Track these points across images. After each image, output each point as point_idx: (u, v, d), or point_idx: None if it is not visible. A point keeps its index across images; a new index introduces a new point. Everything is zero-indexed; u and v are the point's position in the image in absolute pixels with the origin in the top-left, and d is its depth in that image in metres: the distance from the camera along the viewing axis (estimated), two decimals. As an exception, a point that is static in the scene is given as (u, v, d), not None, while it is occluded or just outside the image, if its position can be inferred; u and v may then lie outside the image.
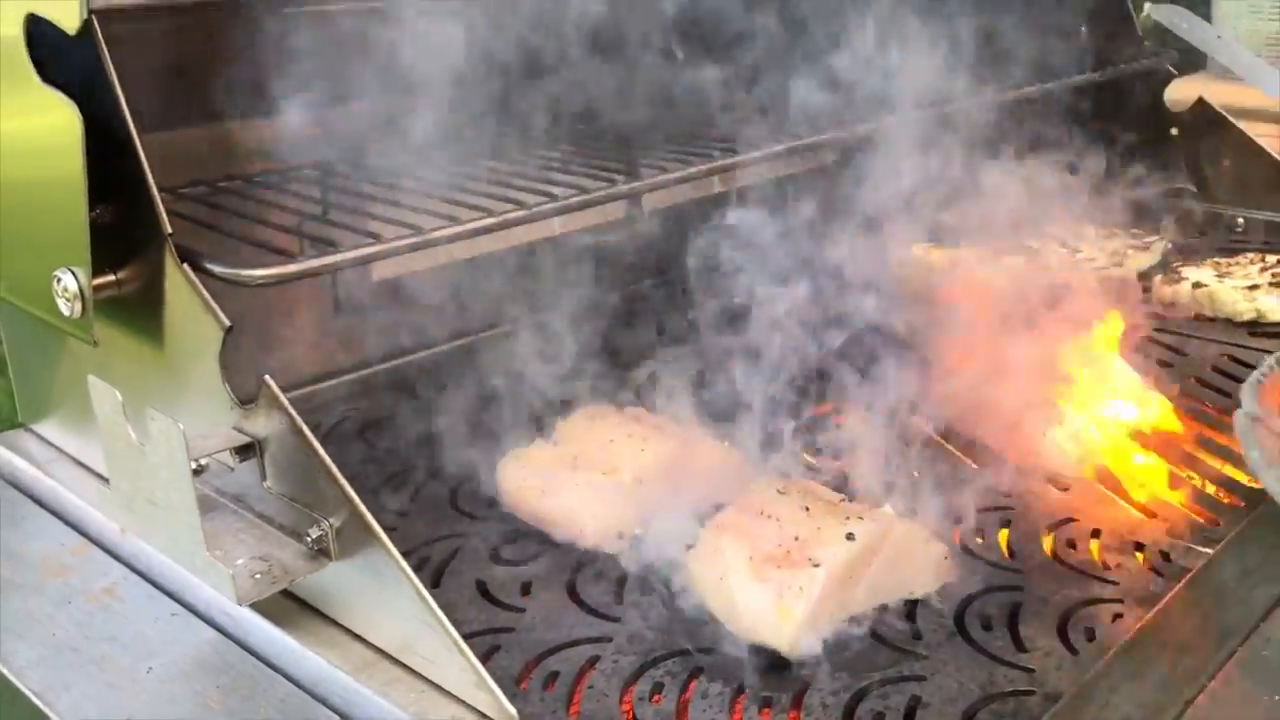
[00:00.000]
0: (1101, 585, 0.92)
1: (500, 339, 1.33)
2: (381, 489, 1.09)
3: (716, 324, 1.25)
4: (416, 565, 0.96)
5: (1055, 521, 1.01)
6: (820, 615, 0.83)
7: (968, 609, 0.89)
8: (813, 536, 0.85)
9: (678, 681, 0.81)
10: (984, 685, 0.80)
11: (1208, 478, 1.08)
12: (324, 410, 1.27)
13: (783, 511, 0.88)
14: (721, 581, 0.85)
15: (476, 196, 1.04)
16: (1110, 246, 1.65)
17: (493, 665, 0.83)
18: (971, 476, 1.08)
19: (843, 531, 0.85)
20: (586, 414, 1.06)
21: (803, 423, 1.10)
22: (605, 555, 0.96)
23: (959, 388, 1.17)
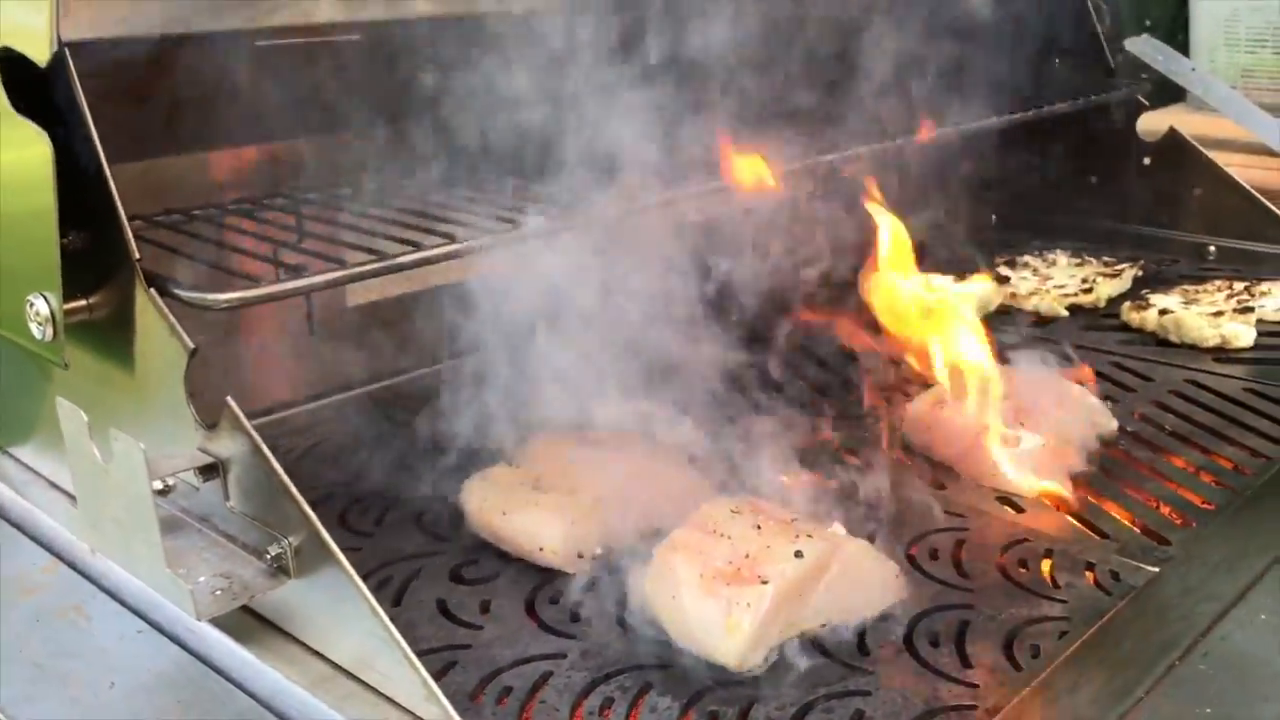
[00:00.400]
0: (1050, 604, 0.93)
1: (474, 363, 1.36)
2: (351, 509, 1.12)
3: (687, 345, 1.29)
4: (379, 584, 0.98)
5: (1008, 541, 1.03)
6: (768, 631, 0.85)
7: (916, 626, 0.91)
8: (762, 554, 0.87)
9: (628, 696, 0.83)
10: (928, 700, 0.82)
11: (1161, 498, 1.10)
12: (300, 433, 1.29)
13: (734, 530, 0.90)
14: (673, 599, 0.87)
15: (445, 224, 1.06)
16: (1081, 273, 1.68)
17: (448, 681, 0.85)
18: (928, 497, 1.10)
19: (792, 549, 0.87)
20: (549, 436, 1.08)
21: (761, 442, 1.12)
22: (565, 574, 0.98)
23: (918, 409, 1.20)
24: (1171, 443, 1.22)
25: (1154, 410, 1.30)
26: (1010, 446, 1.12)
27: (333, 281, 0.93)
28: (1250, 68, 2.40)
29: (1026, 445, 1.12)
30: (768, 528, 0.90)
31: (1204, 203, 1.85)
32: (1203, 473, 1.15)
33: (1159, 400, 1.33)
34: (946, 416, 1.16)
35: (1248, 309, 1.50)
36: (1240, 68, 2.42)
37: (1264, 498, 1.06)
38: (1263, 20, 2.37)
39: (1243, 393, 1.34)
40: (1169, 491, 1.12)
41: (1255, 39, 2.38)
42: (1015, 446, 1.12)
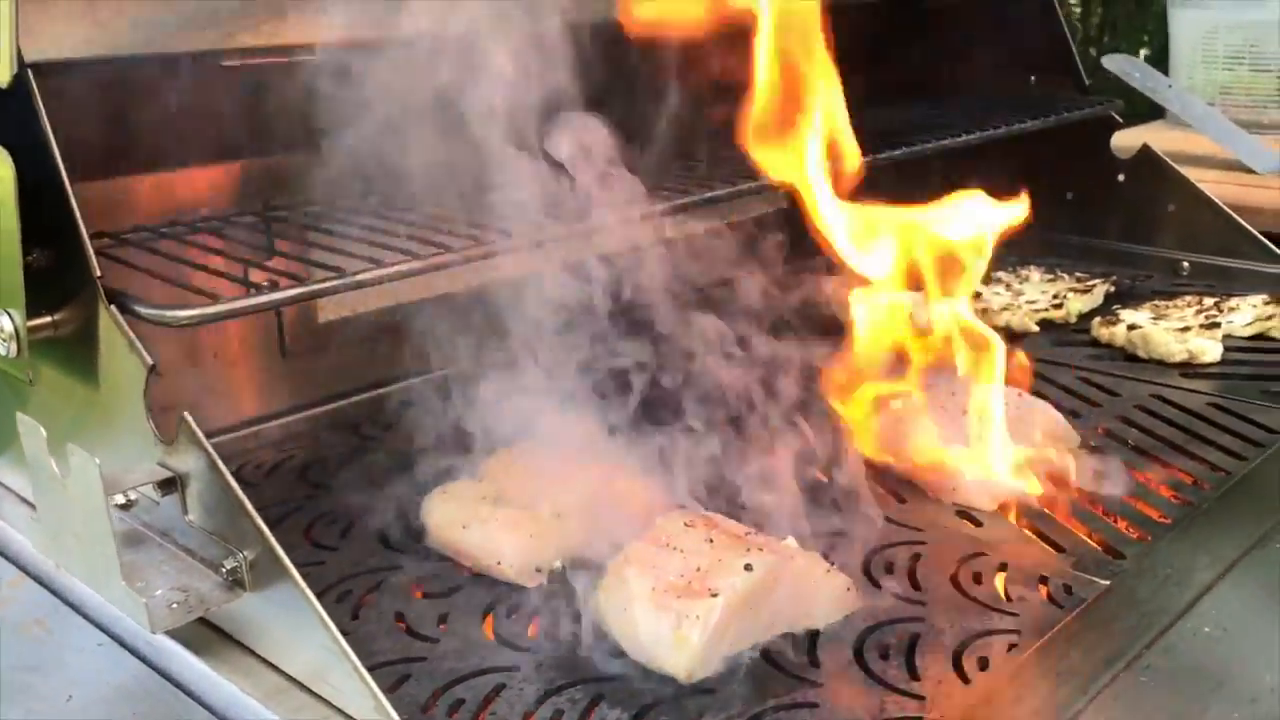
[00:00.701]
0: (1001, 617, 0.94)
1: (444, 379, 1.38)
2: (317, 523, 1.13)
3: (646, 359, 1.30)
4: (339, 597, 0.99)
5: (964, 556, 1.04)
6: (718, 643, 0.86)
7: (867, 639, 0.92)
8: (714, 568, 0.88)
9: (578, 708, 0.84)
10: (874, 712, 0.83)
11: (1118, 513, 1.11)
12: (271, 448, 1.30)
13: (687, 544, 0.91)
14: (625, 611, 0.88)
15: (410, 241, 1.08)
16: (1053, 289, 1.69)
17: (402, 693, 0.86)
18: (888, 511, 1.11)
19: (743, 563, 0.88)
20: (512, 451, 1.09)
21: (723, 456, 1.13)
22: (523, 588, 0.99)
23: (881, 424, 1.21)
24: (1133, 457, 1.23)
25: (1118, 425, 1.31)
26: (973, 462, 1.13)
27: (290, 299, 0.95)
28: (1228, 85, 2.42)
29: (989, 461, 1.13)
30: (720, 541, 0.91)
31: (1178, 219, 1.87)
32: (1162, 487, 1.16)
33: (1123, 415, 1.34)
34: (906, 431, 1.17)
35: (1214, 324, 1.51)
36: (1218, 85, 2.44)
37: (1217, 512, 1.07)
38: (1240, 38, 2.40)
39: (1206, 408, 1.35)
40: (1127, 506, 1.13)
41: (1233, 56, 2.40)
42: (976, 462, 1.13)
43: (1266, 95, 2.38)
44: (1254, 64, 2.39)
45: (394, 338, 1.38)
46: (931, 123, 1.71)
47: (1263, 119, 2.38)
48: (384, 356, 1.38)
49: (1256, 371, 1.45)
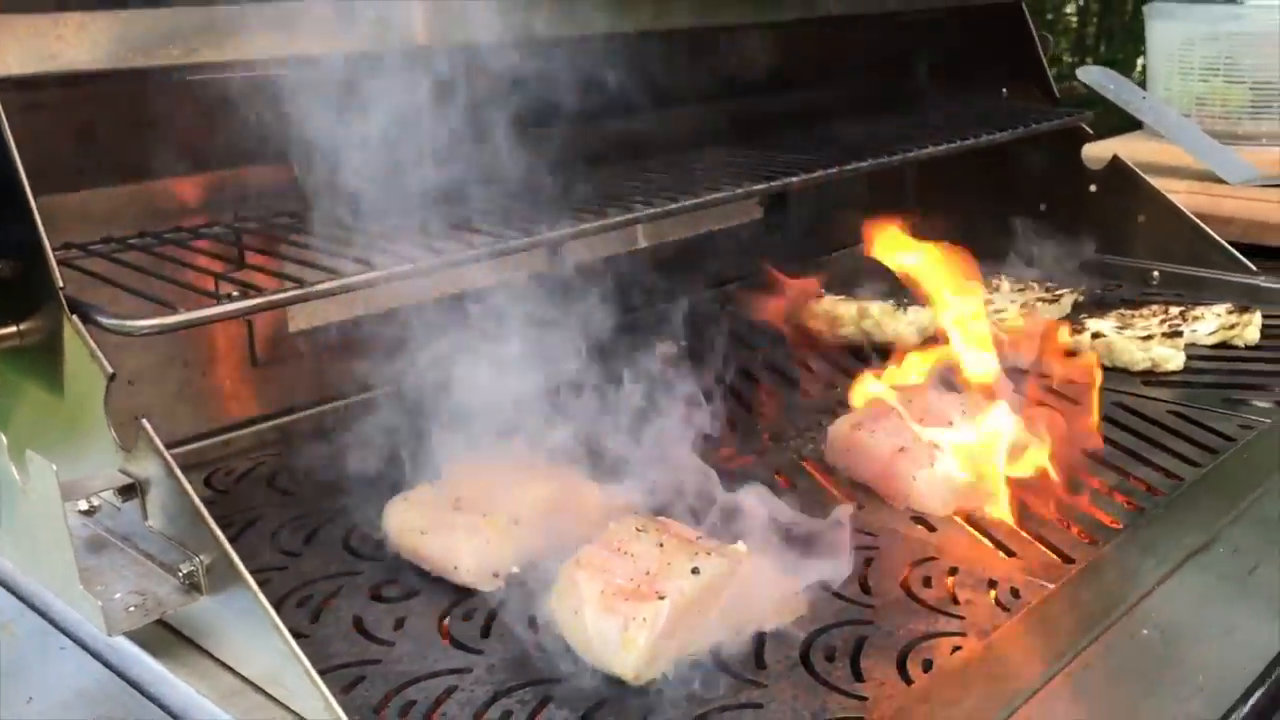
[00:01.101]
0: (948, 619, 0.96)
1: (411, 389, 1.40)
2: (282, 530, 1.14)
3: (611, 368, 1.32)
4: (300, 601, 1.01)
5: (916, 560, 1.06)
6: (665, 645, 0.87)
7: (815, 641, 0.93)
8: (663, 571, 0.90)
9: (527, 709, 0.86)
10: (816, 712, 0.85)
11: (1072, 519, 1.13)
12: (242, 455, 1.32)
13: (638, 548, 0.93)
14: (576, 614, 0.90)
15: (371, 251, 1.09)
16: (1022, 298, 1.71)
17: (355, 694, 0.88)
18: (843, 516, 1.13)
19: (691, 566, 0.90)
20: (471, 459, 1.11)
21: (683, 463, 1.14)
22: (480, 593, 1.00)
23: (837, 431, 1.23)
24: (1090, 464, 1.25)
25: (1079, 433, 1.33)
26: (927, 468, 1.14)
27: (247, 309, 0.97)
28: (1203, 96, 2.45)
29: (943, 467, 1.15)
30: (670, 546, 0.93)
31: (1148, 229, 1.89)
32: (1116, 493, 1.18)
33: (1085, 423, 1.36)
34: (864, 438, 1.19)
35: (1177, 333, 1.53)
36: (1193, 96, 2.47)
37: (1166, 518, 1.08)
38: (1214, 50, 2.42)
39: (1167, 415, 1.37)
40: (1081, 512, 1.14)
41: (1207, 68, 2.43)
42: (932, 468, 1.14)
43: (1240, 106, 2.41)
44: (1228, 75, 2.41)
45: (364, 347, 1.40)
46: (901, 135, 1.73)
47: (1237, 130, 2.40)
48: (354, 365, 1.39)
49: (1217, 380, 1.47)
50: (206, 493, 1.24)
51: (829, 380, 1.53)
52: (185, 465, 1.29)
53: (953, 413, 1.22)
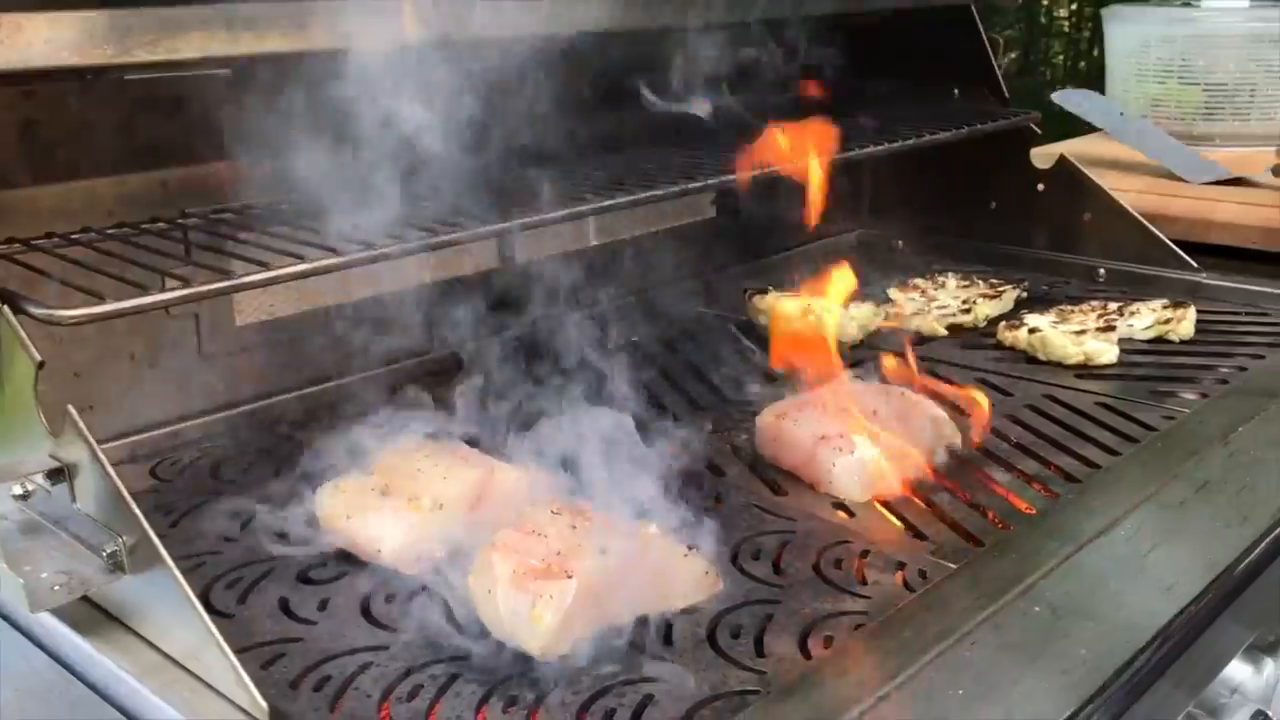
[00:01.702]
0: (854, 599, 0.99)
1: (355, 381, 1.44)
2: (219, 517, 1.17)
3: (544, 357, 1.36)
4: (230, 584, 1.04)
5: (830, 543, 1.09)
6: (573, 622, 0.90)
7: (722, 619, 0.97)
8: (573, 551, 0.93)
9: (438, 682, 0.89)
10: (715, 686, 0.88)
11: (989, 505, 1.16)
12: (188, 446, 1.35)
13: (552, 530, 0.96)
14: (489, 593, 0.93)
15: (305, 246, 1.13)
16: (965, 295, 1.74)
17: (273, 670, 0.91)
18: (764, 501, 1.16)
19: (600, 547, 0.93)
20: (402, 446, 1.14)
21: (611, 450, 1.18)
22: (403, 575, 1.03)
23: (764, 421, 1.26)
24: (1013, 453, 1.29)
25: (1005, 423, 1.36)
26: (846, 455, 1.18)
27: (177, 300, 1.00)
28: (1159, 97, 2.49)
29: (861, 455, 1.18)
30: (583, 528, 0.96)
31: (1094, 227, 1.93)
32: (1035, 481, 1.21)
33: (1012, 414, 1.39)
34: (788, 428, 1.22)
35: (1110, 328, 1.56)
36: (1150, 97, 2.50)
37: (1076, 503, 1.11)
38: (1170, 51, 2.46)
39: (1094, 407, 1.40)
40: (998, 498, 1.18)
41: (1163, 70, 2.47)
42: (851, 455, 1.18)
43: (1195, 108, 2.45)
44: (1182, 77, 2.45)
45: (310, 340, 1.43)
46: (850, 134, 1.77)
47: (1192, 130, 2.44)
48: (300, 358, 1.43)
49: (1148, 373, 1.50)
50: (152, 482, 1.27)
51: (768, 373, 1.56)
52: (133, 456, 1.34)
53: (876, 403, 1.25)
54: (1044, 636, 0.88)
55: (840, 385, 1.30)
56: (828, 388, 1.29)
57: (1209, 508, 1.08)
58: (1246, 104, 2.41)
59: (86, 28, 1.02)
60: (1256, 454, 1.19)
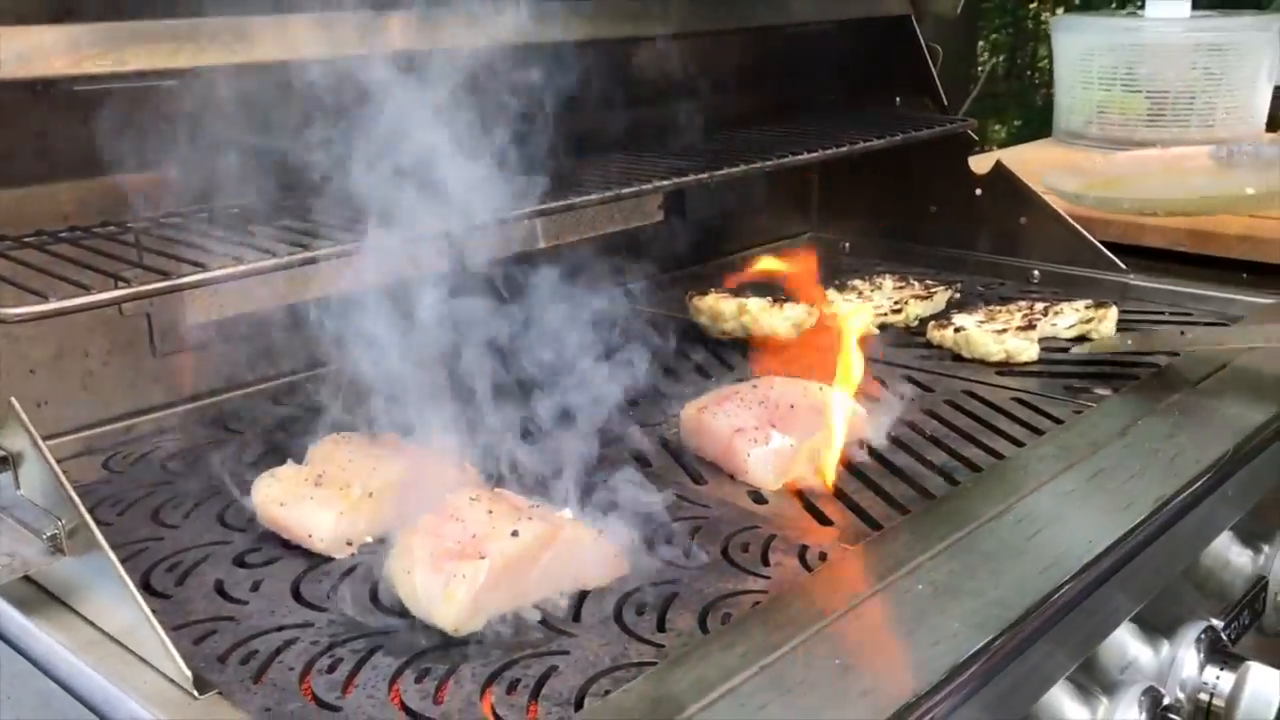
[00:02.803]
0: (755, 579, 1.06)
1: (304, 378, 1.50)
2: (165, 506, 1.23)
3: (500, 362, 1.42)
4: (170, 567, 1.10)
5: (740, 528, 1.15)
6: (486, 601, 0.97)
7: (629, 598, 1.03)
8: (487, 535, 1.00)
9: (357, 656, 0.95)
10: (616, 658, 0.94)
11: (895, 493, 1.23)
12: (141, 440, 1.41)
13: (469, 515, 1.02)
14: (408, 574, 0.99)
15: (243, 248, 1.19)
16: (898, 295, 1.81)
17: (204, 646, 0.97)
18: (684, 490, 1.23)
19: (511, 530, 1.00)
20: (336, 438, 1.20)
21: (540, 441, 1.24)
22: (334, 560, 1.10)
23: (687, 413, 1.32)
24: (925, 445, 1.35)
25: (922, 417, 1.43)
26: (760, 446, 1.24)
27: (117, 299, 1.06)
28: (1104, 104, 2.56)
29: (775, 445, 1.24)
30: (498, 513, 1.03)
31: (1029, 230, 2.00)
32: (941, 470, 1.28)
33: (930, 408, 1.46)
34: (707, 420, 1.29)
35: (1031, 326, 1.63)
36: (1096, 104, 2.58)
37: (975, 490, 1.17)
38: (1113, 59, 2.53)
39: (1009, 402, 1.47)
40: (904, 486, 1.24)
41: (1107, 77, 2.54)
42: (765, 446, 1.24)
43: (1138, 115, 2.52)
44: (1126, 85, 2.53)
45: (260, 339, 1.49)
46: (792, 140, 1.83)
47: (1134, 136, 2.52)
48: (250, 356, 1.49)
49: (1066, 370, 1.57)
50: (104, 473, 1.33)
51: (706, 371, 1.63)
52: (89, 449, 1.40)
53: (794, 396, 1.32)
54: (922, 612, 0.95)
55: (762, 380, 1.36)
56: (749, 383, 1.35)
57: (1098, 495, 1.15)
58: (1186, 110, 2.48)
59: (37, 43, 1.08)
60: (1150, 445, 1.25)
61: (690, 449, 1.33)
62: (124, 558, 1.11)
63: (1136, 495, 1.14)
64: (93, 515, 1.18)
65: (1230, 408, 1.37)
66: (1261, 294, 1.76)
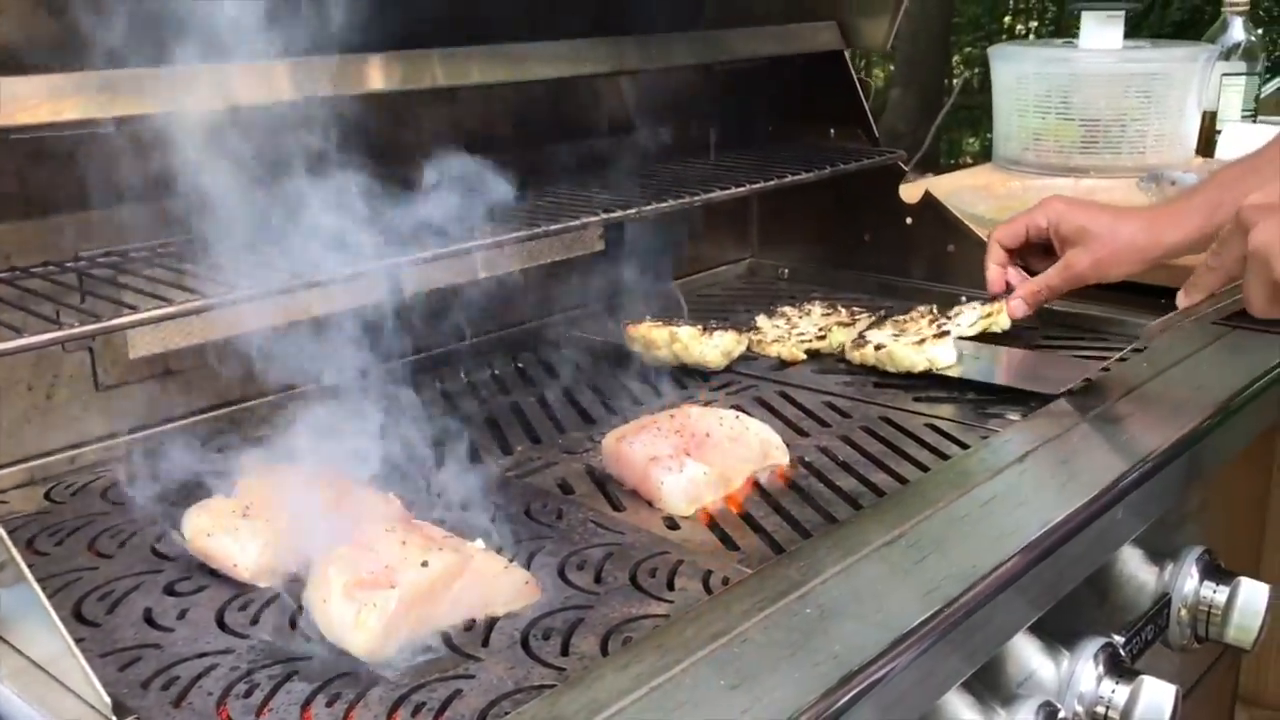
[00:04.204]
0: (659, 604, 1.12)
1: (244, 409, 1.55)
2: (102, 536, 1.28)
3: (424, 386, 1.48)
4: (101, 596, 1.15)
5: (650, 554, 1.21)
6: (397, 628, 1.02)
7: (537, 624, 1.08)
8: (399, 565, 1.05)
9: (273, 682, 1.00)
10: (519, 681, 1.00)
11: (800, 518, 1.29)
12: (84, 471, 1.46)
13: (383, 546, 1.08)
14: (324, 602, 1.04)
15: (172, 289, 1.24)
16: (825, 322, 1.87)
17: (128, 672, 1.02)
18: (602, 517, 1.29)
19: (422, 560, 1.05)
20: (264, 470, 1.25)
21: (466, 471, 1.30)
22: (259, 588, 1.15)
23: (607, 442, 1.38)
24: (837, 471, 1.41)
25: (837, 443, 1.49)
26: (674, 474, 1.30)
27: (48, 341, 1.11)
28: (1039, 131, 2.64)
29: (689, 473, 1.30)
30: (412, 543, 1.08)
31: (957, 258, 2.06)
32: (847, 495, 1.34)
33: (846, 434, 1.52)
34: (625, 449, 1.35)
35: (945, 333, 1.68)
36: (1031, 131, 2.65)
37: (874, 515, 1.23)
38: (1048, 88, 2.61)
39: (922, 428, 1.53)
40: (810, 512, 1.31)
41: (1041, 105, 2.62)
42: (679, 473, 1.30)
43: (1072, 142, 2.60)
44: (1060, 113, 2.60)
45: (200, 371, 1.55)
46: (725, 174, 1.90)
47: (1069, 163, 2.60)
48: (191, 388, 1.54)
49: (980, 396, 1.63)
50: (44, 504, 1.38)
51: (636, 398, 1.69)
52: (30, 480, 1.45)
53: (711, 425, 1.38)
54: (807, 634, 1.01)
55: (681, 410, 1.42)
56: (668, 412, 1.41)
57: (987, 521, 1.21)
58: (1118, 138, 2.56)
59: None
60: (1044, 471, 1.32)
61: (613, 476, 1.38)
62: (59, 586, 1.17)
63: (1023, 521, 1.20)
64: (32, 545, 1.25)
65: (1129, 432, 1.44)
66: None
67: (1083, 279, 1.69)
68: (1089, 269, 1.67)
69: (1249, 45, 2.85)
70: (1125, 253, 1.65)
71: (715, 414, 1.41)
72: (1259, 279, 1.32)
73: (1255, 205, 1.32)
